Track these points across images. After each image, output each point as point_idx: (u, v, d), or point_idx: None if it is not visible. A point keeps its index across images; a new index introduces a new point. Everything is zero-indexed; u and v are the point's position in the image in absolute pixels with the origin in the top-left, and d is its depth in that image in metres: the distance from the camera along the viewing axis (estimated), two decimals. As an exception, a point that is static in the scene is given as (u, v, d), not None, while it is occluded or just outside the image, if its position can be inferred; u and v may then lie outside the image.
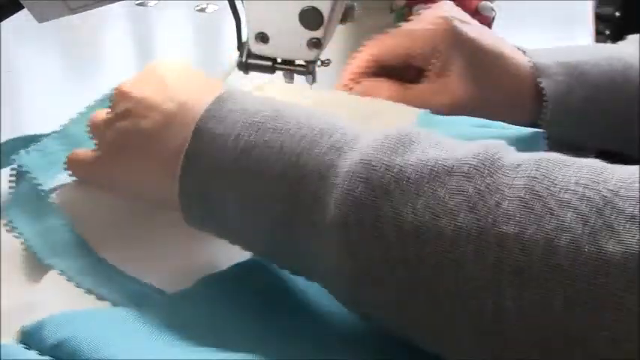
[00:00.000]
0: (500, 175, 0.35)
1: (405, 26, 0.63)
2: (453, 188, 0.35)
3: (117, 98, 0.48)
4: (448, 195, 0.35)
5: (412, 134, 0.39)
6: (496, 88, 0.59)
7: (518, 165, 0.35)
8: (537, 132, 0.51)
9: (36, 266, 0.47)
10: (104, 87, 0.60)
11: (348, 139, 0.40)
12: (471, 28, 0.60)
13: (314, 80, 0.64)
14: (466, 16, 0.61)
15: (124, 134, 0.46)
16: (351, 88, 0.61)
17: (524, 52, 0.62)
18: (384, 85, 0.60)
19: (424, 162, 0.37)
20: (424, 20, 0.61)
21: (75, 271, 0.47)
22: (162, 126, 0.45)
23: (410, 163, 0.37)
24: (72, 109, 0.60)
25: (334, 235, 0.37)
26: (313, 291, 0.44)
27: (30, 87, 0.77)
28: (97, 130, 0.50)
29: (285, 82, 0.65)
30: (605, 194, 0.33)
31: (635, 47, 0.63)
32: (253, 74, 0.65)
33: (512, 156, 0.37)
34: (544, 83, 0.59)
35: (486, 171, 0.35)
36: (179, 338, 0.40)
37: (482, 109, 0.55)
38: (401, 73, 0.62)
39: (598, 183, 0.33)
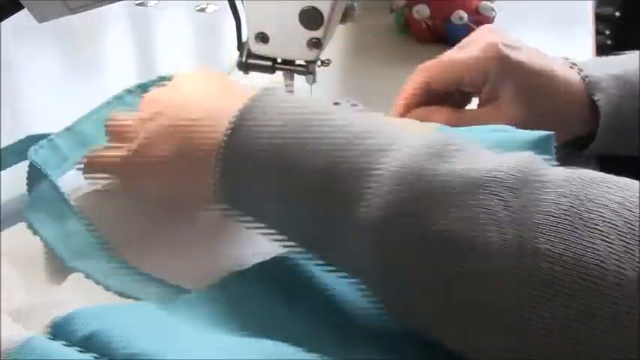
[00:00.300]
0: (534, 191, 0.35)
1: (455, 53, 0.63)
2: (489, 201, 0.35)
3: (146, 104, 0.49)
4: (484, 208, 0.35)
5: (454, 142, 0.39)
6: (548, 108, 0.59)
7: (552, 181, 0.36)
8: (549, 135, 0.50)
9: (58, 268, 0.47)
10: (104, 87, 0.60)
11: (388, 141, 0.40)
12: (520, 52, 0.60)
13: (314, 80, 0.64)
14: (515, 40, 0.61)
15: (159, 131, 0.47)
16: (403, 115, 0.62)
17: (572, 65, 0.62)
18: (438, 112, 0.61)
19: (463, 173, 0.37)
20: (473, 47, 0.61)
21: (100, 273, 0.47)
22: (200, 120, 0.45)
23: (452, 171, 0.37)
24: (72, 109, 0.60)
25: (371, 235, 0.38)
26: (339, 288, 0.44)
27: (30, 87, 0.77)
28: (123, 133, 0.49)
29: (285, 83, 0.65)
30: (629, 218, 0.33)
31: None
32: (253, 74, 0.65)
33: (547, 171, 0.37)
34: (598, 97, 0.59)
35: (521, 185, 0.36)
36: (207, 331, 0.41)
37: (536, 128, 0.55)
38: (447, 97, 0.63)
39: (624, 205, 0.34)
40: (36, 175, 0.51)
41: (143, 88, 0.60)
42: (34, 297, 0.44)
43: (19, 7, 0.62)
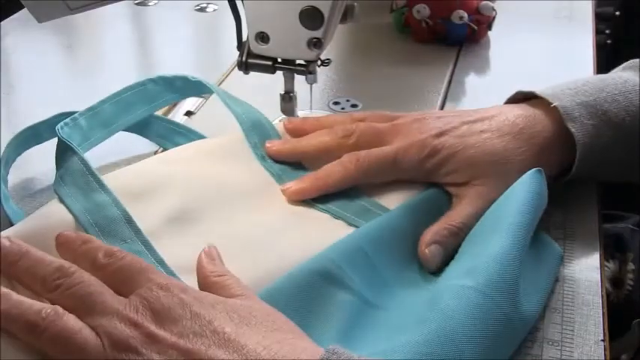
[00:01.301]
0: None
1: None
2: None
3: None
4: None
5: None
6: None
7: None
8: (535, 170, 0.50)
9: None
10: (104, 87, 0.60)
11: None
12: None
13: (314, 80, 0.64)
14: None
15: None
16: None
17: (535, 96, 0.58)
18: None
19: None
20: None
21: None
22: None
23: None
24: (72, 109, 0.60)
25: None
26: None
27: (30, 87, 0.77)
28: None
29: (285, 81, 0.65)
30: None
31: (635, 72, 0.61)
32: (253, 74, 0.65)
33: None
34: (573, 128, 0.55)
35: None
36: None
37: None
38: None
39: None
40: (65, 151, 0.52)
41: (165, 80, 0.62)
42: None
43: (19, 7, 0.62)
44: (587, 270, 0.52)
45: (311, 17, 0.59)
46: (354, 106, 0.73)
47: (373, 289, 0.47)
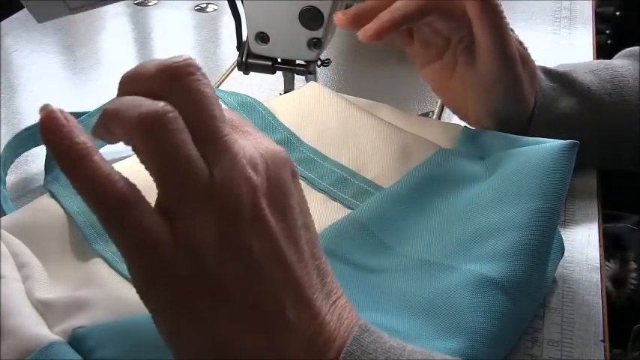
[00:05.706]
0: None
1: None
2: None
3: None
4: None
5: None
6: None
7: None
8: (572, 143, 0.48)
9: (80, 249, 0.47)
10: (104, 87, 0.60)
11: None
12: None
13: (314, 80, 0.64)
14: None
15: None
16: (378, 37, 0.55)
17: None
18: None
19: None
20: None
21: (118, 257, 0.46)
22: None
23: None
24: (72, 109, 0.60)
25: None
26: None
27: (30, 87, 0.77)
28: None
29: (285, 81, 0.65)
30: None
31: (626, 60, 0.62)
32: (253, 74, 0.65)
33: None
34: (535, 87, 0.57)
35: None
36: None
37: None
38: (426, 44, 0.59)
39: None
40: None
41: None
42: (58, 284, 0.44)
43: (19, 6, 0.62)
44: (587, 270, 0.52)
45: (311, 17, 0.59)
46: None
47: (368, 253, 0.47)
